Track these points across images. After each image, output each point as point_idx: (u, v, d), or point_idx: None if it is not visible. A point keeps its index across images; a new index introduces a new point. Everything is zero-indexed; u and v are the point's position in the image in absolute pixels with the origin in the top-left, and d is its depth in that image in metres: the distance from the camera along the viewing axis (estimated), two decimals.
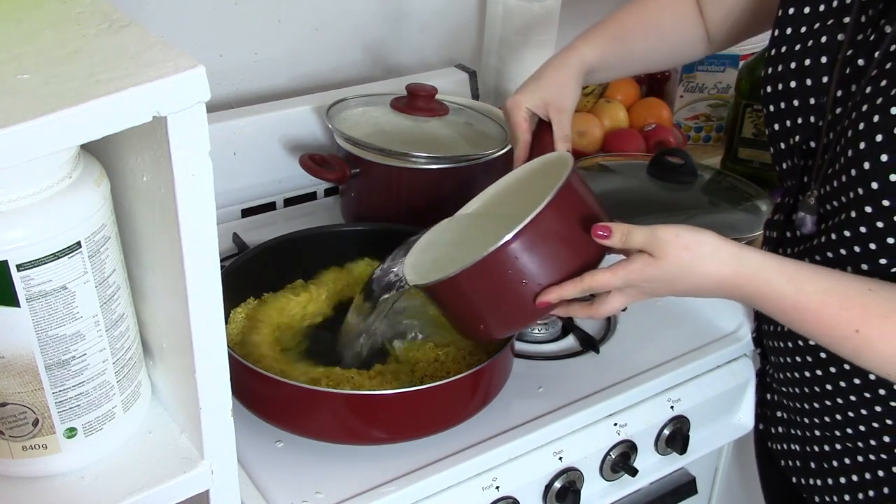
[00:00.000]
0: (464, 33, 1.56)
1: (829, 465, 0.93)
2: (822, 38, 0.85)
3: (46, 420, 0.66)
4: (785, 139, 0.91)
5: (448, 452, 0.91)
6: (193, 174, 0.60)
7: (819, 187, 0.86)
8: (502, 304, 0.86)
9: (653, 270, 0.80)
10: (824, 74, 0.85)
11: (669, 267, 0.79)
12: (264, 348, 0.99)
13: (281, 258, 1.09)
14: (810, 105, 0.87)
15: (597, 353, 1.07)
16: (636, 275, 0.81)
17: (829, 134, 0.85)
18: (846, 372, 0.86)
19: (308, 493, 0.87)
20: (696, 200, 1.41)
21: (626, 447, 1.02)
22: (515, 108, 1.03)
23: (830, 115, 0.85)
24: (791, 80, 0.88)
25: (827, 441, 0.92)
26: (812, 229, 0.87)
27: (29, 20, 0.63)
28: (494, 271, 0.83)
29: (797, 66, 0.87)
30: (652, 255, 0.80)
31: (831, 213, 0.84)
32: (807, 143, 0.88)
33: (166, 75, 0.55)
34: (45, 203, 0.60)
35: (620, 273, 0.81)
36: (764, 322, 0.98)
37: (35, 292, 0.61)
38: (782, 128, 0.90)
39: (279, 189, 1.34)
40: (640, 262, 0.80)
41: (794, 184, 0.91)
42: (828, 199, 0.84)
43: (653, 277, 0.80)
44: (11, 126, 0.50)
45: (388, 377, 0.96)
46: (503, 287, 0.84)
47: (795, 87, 0.88)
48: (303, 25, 1.38)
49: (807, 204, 0.87)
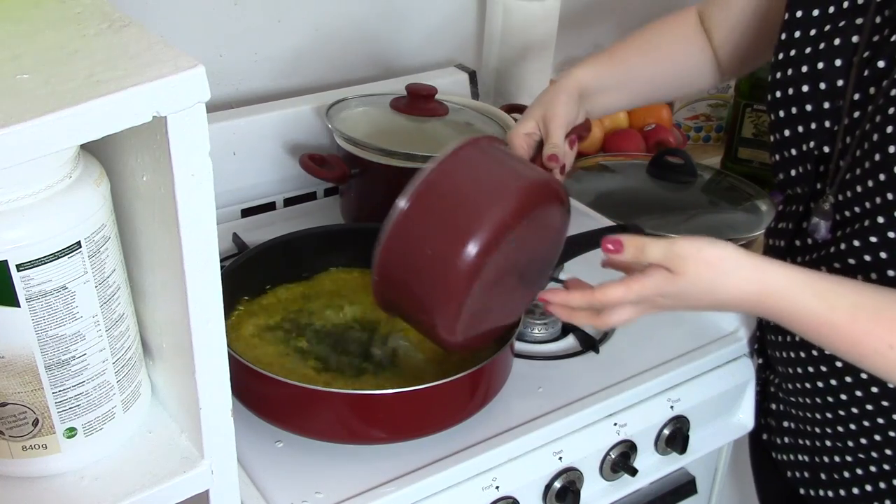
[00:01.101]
0: (464, 33, 1.56)
1: (841, 476, 0.91)
2: (836, 40, 0.83)
3: (46, 420, 0.66)
4: (797, 145, 0.88)
5: (448, 452, 0.91)
6: (193, 174, 0.60)
7: (836, 193, 0.84)
8: (425, 282, 0.83)
9: (671, 287, 0.76)
10: (839, 78, 0.83)
11: (689, 284, 0.76)
12: (264, 348, 0.99)
13: (281, 258, 1.09)
14: (824, 109, 0.85)
15: (597, 353, 1.07)
16: (652, 291, 0.77)
17: (845, 139, 0.83)
18: (863, 381, 0.84)
19: (308, 493, 0.87)
20: (696, 200, 1.41)
21: (626, 447, 1.02)
22: (513, 136, 0.99)
23: (847, 120, 0.82)
24: (803, 85, 0.85)
25: (838, 452, 0.90)
26: (827, 236, 0.85)
27: (29, 20, 0.63)
28: (403, 244, 0.81)
29: (809, 69, 0.85)
30: (670, 270, 0.76)
31: (850, 220, 0.83)
32: (820, 148, 0.86)
33: (166, 75, 0.56)
34: (45, 203, 0.60)
35: (635, 288, 0.77)
36: (769, 332, 0.96)
37: (35, 292, 0.61)
38: (794, 133, 0.88)
39: (279, 189, 1.34)
40: (657, 278, 0.76)
41: (805, 191, 0.88)
42: (846, 206, 0.82)
43: (670, 294, 0.77)
44: (11, 126, 0.50)
45: (389, 377, 0.96)
46: (416, 262, 0.82)
47: (808, 92, 0.85)
48: (303, 25, 1.38)
49: (822, 210, 0.85)
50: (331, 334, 1.03)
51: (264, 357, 0.98)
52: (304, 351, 1.00)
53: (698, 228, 1.33)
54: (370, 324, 1.04)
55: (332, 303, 1.08)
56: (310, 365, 0.98)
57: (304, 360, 0.98)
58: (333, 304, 1.08)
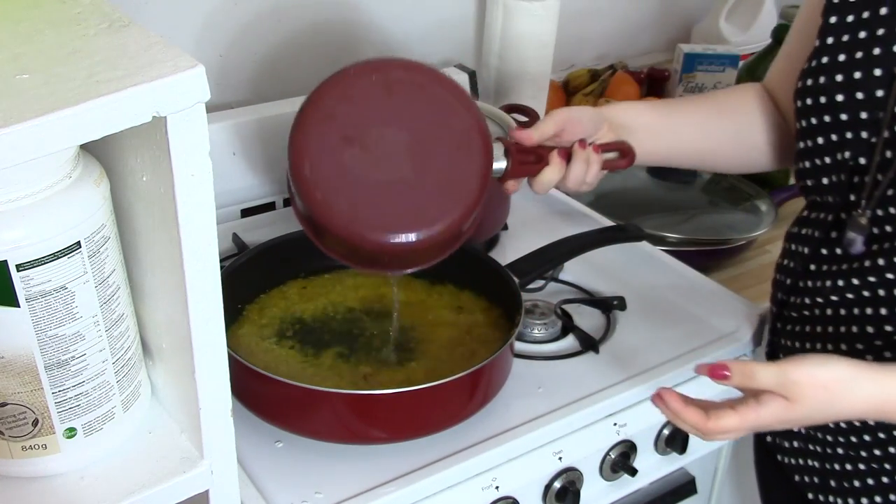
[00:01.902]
0: (464, 33, 1.56)
1: (851, 484, 0.90)
2: (875, 49, 0.80)
3: (46, 420, 0.66)
4: (830, 154, 0.86)
5: (448, 452, 0.91)
6: (193, 174, 0.60)
7: (874, 208, 0.82)
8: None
9: (789, 415, 0.74)
10: (878, 88, 0.80)
11: (808, 410, 0.73)
12: (264, 348, 0.99)
13: (281, 258, 1.09)
14: (861, 120, 0.82)
15: (596, 353, 1.07)
16: (769, 421, 0.74)
17: (884, 152, 0.80)
18: None
19: (308, 493, 0.87)
20: (696, 200, 1.41)
21: (626, 447, 1.02)
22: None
23: (888, 133, 0.80)
24: (837, 94, 0.83)
25: (851, 460, 0.89)
26: (861, 250, 0.83)
27: (29, 20, 0.63)
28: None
29: (844, 78, 0.82)
30: (786, 398, 0.73)
31: (889, 236, 0.81)
32: (856, 159, 0.83)
33: (166, 75, 0.56)
34: (44, 203, 0.60)
35: (750, 419, 0.74)
36: (783, 337, 0.95)
37: (35, 292, 0.61)
38: (827, 142, 0.85)
39: (279, 189, 1.34)
40: (774, 407, 0.74)
41: (836, 200, 0.86)
42: (886, 222, 0.81)
43: (788, 421, 0.74)
44: (11, 126, 0.50)
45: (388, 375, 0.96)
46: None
47: (843, 101, 0.82)
48: (303, 25, 1.38)
49: (858, 224, 0.83)
50: (331, 334, 1.03)
51: (264, 357, 0.98)
52: (304, 350, 1.00)
53: (698, 228, 1.34)
54: (371, 321, 1.04)
55: (332, 302, 1.08)
56: (310, 364, 0.98)
57: (304, 360, 0.98)
58: (334, 304, 1.08)
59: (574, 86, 1.64)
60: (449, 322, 1.05)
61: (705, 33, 1.81)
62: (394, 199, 0.83)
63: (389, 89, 0.85)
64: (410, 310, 1.06)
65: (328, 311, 1.07)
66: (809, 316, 0.90)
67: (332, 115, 0.83)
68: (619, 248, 1.19)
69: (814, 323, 0.90)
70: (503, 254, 1.22)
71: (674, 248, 1.27)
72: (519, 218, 1.29)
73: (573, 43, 1.67)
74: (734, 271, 1.30)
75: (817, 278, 0.89)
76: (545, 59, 1.47)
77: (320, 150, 0.82)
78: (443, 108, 0.86)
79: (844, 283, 0.85)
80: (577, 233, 1.14)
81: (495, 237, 1.27)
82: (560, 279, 1.20)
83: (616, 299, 1.14)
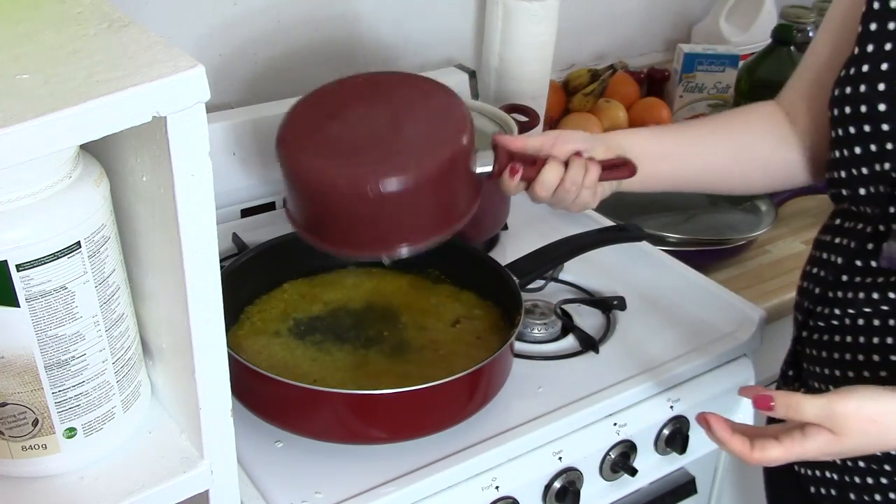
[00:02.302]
0: (464, 33, 1.56)
1: (872, 498, 0.88)
2: None
3: (46, 420, 0.66)
4: (868, 164, 0.83)
5: (448, 452, 0.92)
6: (193, 174, 0.60)
7: None
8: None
9: (835, 448, 0.73)
10: None
11: (855, 443, 0.72)
12: (264, 348, 0.99)
13: (281, 258, 1.09)
14: None
15: (596, 353, 1.07)
16: (815, 454, 0.73)
17: None
18: None
19: (308, 493, 0.87)
20: (696, 200, 1.41)
21: (626, 447, 1.02)
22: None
23: None
24: (879, 103, 0.80)
25: (872, 474, 0.87)
26: None
27: (29, 20, 0.63)
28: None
29: (887, 87, 0.79)
30: (832, 431, 0.72)
31: None
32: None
33: (166, 75, 0.56)
34: (44, 203, 0.60)
35: (796, 451, 0.73)
36: (808, 346, 0.93)
37: (35, 292, 0.61)
38: (865, 152, 0.83)
39: (279, 189, 1.34)
40: (820, 441, 0.73)
41: (875, 212, 0.84)
42: None
43: (834, 454, 0.74)
44: (11, 126, 0.50)
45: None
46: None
47: (886, 111, 0.79)
48: (302, 25, 1.38)
49: None
50: (331, 334, 1.03)
51: (264, 357, 0.98)
52: (304, 350, 1.00)
53: (698, 228, 1.33)
54: (371, 322, 1.04)
55: (332, 302, 1.08)
56: (310, 364, 0.98)
57: (304, 360, 0.98)
58: (334, 304, 1.08)
59: (574, 86, 1.64)
60: (449, 322, 1.05)
61: (705, 33, 1.81)
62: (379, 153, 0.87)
63: (375, 84, 0.95)
64: (410, 310, 1.06)
65: (328, 311, 1.07)
66: (839, 326, 0.88)
67: (320, 103, 0.92)
68: (619, 248, 1.19)
69: (843, 333, 0.88)
70: (503, 254, 1.22)
71: (674, 248, 1.27)
72: (519, 218, 1.29)
73: (573, 43, 1.67)
74: (734, 271, 1.30)
75: (849, 289, 0.86)
76: (545, 59, 1.47)
77: (308, 128, 0.89)
78: (424, 93, 0.93)
79: (880, 295, 0.83)
80: (577, 233, 1.14)
81: (495, 237, 1.27)
82: (560, 279, 1.20)
83: (616, 299, 1.14)
